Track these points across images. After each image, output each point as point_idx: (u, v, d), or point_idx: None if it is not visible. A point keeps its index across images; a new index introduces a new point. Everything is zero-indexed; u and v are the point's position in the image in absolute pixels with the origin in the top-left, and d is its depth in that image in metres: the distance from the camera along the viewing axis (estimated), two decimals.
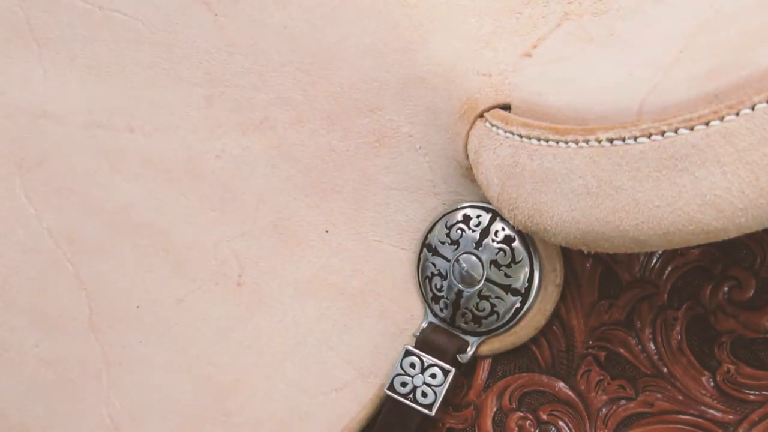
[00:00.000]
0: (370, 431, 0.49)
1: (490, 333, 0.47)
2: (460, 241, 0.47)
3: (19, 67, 0.51)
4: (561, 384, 0.47)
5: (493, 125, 0.43)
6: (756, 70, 0.34)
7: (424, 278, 0.48)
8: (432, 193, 0.49)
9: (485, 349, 0.48)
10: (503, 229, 0.46)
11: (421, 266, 0.49)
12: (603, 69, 0.41)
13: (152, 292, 0.52)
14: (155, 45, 0.50)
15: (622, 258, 0.46)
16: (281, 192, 0.50)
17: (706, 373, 0.45)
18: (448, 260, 0.47)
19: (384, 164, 0.49)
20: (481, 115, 0.45)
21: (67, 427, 0.54)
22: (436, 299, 0.48)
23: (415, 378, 0.47)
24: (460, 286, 0.47)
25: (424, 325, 0.49)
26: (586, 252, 0.42)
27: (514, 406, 0.47)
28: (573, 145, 0.39)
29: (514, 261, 0.46)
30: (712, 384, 0.44)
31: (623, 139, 0.37)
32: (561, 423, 0.47)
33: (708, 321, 0.45)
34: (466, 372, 0.49)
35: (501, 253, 0.46)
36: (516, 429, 0.47)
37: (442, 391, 0.47)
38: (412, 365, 0.48)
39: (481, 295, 0.47)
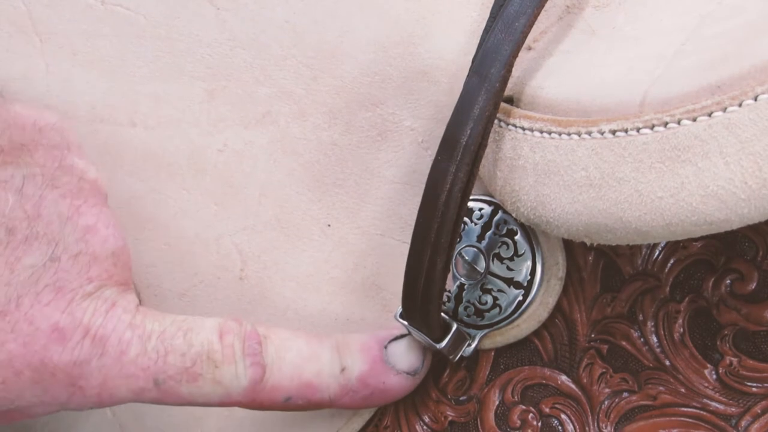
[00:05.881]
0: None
1: (492, 326, 0.47)
2: (463, 234, 0.47)
3: (22, 61, 0.51)
4: (563, 377, 0.47)
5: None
6: (758, 61, 0.34)
7: None
8: None
9: (487, 342, 0.48)
10: (505, 222, 0.46)
11: None
12: (605, 62, 0.41)
13: (154, 287, 0.51)
14: (157, 39, 0.50)
15: (624, 251, 0.46)
16: (283, 186, 0.50)
17: (709, 365, 0.45)
18: None
19: (386, 158, 0.49)
20: None
21: (72, 426, 0.54)
22: None
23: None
24: (463, 279, 0.47)
25: None
26: (588, 245, 0.42)
27: (517, 399, 0.47)
28: (575, 137, 0.39)
29: (516, 254, 0.46)
30: (714, 377, 0.44)
31: (626, 131, 0.37)
32: (563, 416, 0.47)
33: (710, 314, 0.45)
34: (468, 366, 0.49)
35: (503, 246, 0.46)
36: (519, 422, 0.47)
37: (453, 340, 0.46)
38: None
39: (483, 288, 0.47)
